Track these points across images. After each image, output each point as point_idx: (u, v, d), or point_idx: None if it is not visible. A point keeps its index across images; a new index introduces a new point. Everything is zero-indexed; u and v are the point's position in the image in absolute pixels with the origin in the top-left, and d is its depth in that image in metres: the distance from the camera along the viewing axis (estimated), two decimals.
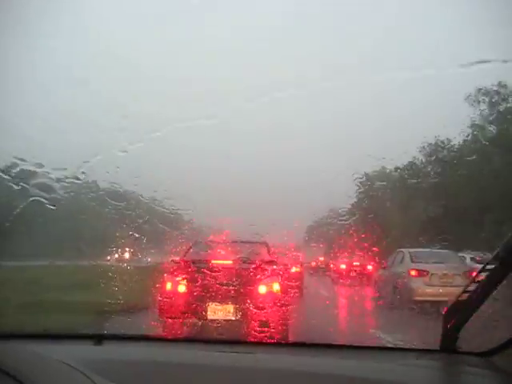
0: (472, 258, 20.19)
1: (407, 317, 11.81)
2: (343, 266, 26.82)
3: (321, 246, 46.20)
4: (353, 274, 25.18)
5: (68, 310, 8.71)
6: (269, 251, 9.33)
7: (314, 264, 35.30)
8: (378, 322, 10.82)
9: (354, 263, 26.45)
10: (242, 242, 10.32)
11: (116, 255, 41.73)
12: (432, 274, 13.63)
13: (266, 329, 6.47)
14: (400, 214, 42.35)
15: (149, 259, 49.53)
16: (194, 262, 8.18)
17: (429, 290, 13.28)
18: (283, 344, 1.93)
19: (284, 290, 8.16)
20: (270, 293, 7.78)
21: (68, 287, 13.50)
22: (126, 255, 41.62)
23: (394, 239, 36.39)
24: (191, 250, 9.26)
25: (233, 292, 7.51)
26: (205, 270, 7.77)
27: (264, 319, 6.96)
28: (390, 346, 1.63)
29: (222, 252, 9.11)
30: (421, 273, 13.77)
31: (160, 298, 7.93)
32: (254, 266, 8.13)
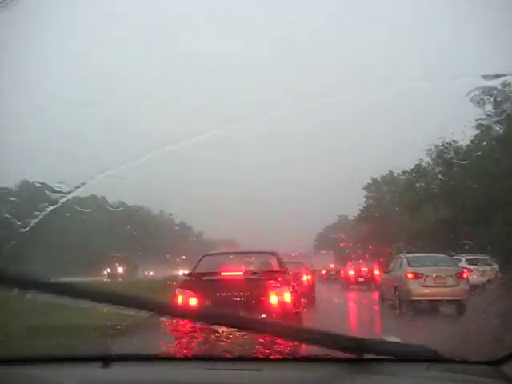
0: (467, 260, 21.31)
1: (411, 319, 12.73)
2: (352, 273, 27.88)
3: (331, 252, 46.14)
4: (361, 279, 26.32)
5: (69, 332, 8.68)
6: (279, 261, 9.27)
7: (324, 271, 35.35)
8: (388, 327, 11.17)
9: (362, 269, 27.67)
10: (251, 252, 10.29)
11: (108, 270, 41.50)
12: (427, 276, 14.87)
13: (277, 343, 6.41)
14: (409, 217, 42.22)
15: (151, 273, 49.35)
16: (204, 275, 8.15)
17: (424, 290, 14.70)
18: (294, 359, 1.89)
19: (295, 300, 8.11)
20: (282, 303, 7.72)
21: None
22: (120, 270, 41.44)
23: (405, 243, 36.28)
24: (201, 263, 9.22)
25: (243, 304, 7.46)
26: (215, 283, 7.73)
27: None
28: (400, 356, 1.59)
29: (232, 264, 9.07)
30: (417, 275, 15.03)
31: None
32: (264, 276, 8.08)
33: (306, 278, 18.43)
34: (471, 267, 20.29)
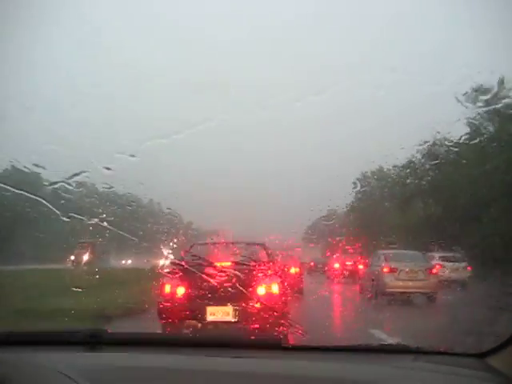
0: (441, 257, 23.52)
1: (393, 312, 13.80)
2: (337, 266, 29.44)
3: (319, 245, 46.34)
4: (346, 272, 27.28)
5: (58, 316, 8.68)
6: (267, 252, 9.28)
7: (312, 264, 35.61)
8: (370, 318, 11.52)
9: (347, 263, 28.82)
10: (240, 243, 10.28)
11: (72, 257, 41.41)
12: (401, 271, 16.98)
13: (265, 331, 6.43)
14: (398, 212, 42.39)
15: (129, 261, 49.05)
16: (192, 264, 8.13)
17: (398, 283, 16.69)
18: (282, 347, 1.89)
19: (283, 291, 8.13)
20: (269, 294, 7.74)
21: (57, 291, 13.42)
22: (85, 257, 41.25)
23: (392, 237, 36.45)
24: (190, 252, 9.21)
25: (231, 294, 7.45)
26: (203, 272, 7.72)
27: (263, 321, 6.91)
28: (386, 346, 1.60)
29: (221, 254, 9.07)
30: (392, 269, 17.08)
31: (159, 301, 7.89)
32: (252, 267, 8.09)
33: (294, 269, 18.51)
34: (444, 263, 22.86)
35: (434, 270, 17.86)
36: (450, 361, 1.53)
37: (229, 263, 8.04)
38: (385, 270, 17.07)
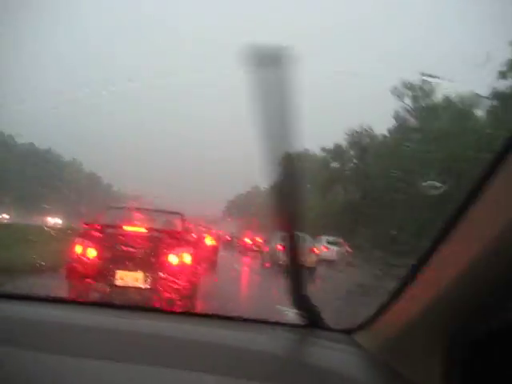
0: (328, 241, 27.60)
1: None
2: (248, 241, 31.92)
3: (237, 221, 46.80)
4: (255, 248, 29.37)
5: None
6: (183, 222, 9.27)
7: (228, 237, 36.10)
8: (269, 291, 12.39)
9: (257, 239, 31.14)
10: (157, 211, 10.23)
11: None
12: None
13: (173, 298, 6.49)
14: (319, 196, 43.21)
15: (45, 219, 47.88)
16: (105, 227, 8.03)
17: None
18: (187, 313, 1.94)
19: (195, 261, 8.18)
20: (181, 263, 7.76)
21: None
22: None
23: (311, 219, 37.20)
24: (104, 215, 9.09)
25: (142, 260, 7.44)
26: (116, 236, 7.65)
27: (172, 289, 6.96)
28: (269, 319, 1.71)
29: (136, 219, 9.01)
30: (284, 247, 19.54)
31: (68, 261, 7.76)
32: (167, 235, 8.08)
33: (210, 242, 18.64)
34: (329, 246, 27.06)
35: (316, 250, 20.67)
36: (319, 334, 1.64)
37: (143, 229, 8.00)
38: (278, 247, 18.41)
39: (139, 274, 7.45)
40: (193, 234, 10.93)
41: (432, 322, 1.11)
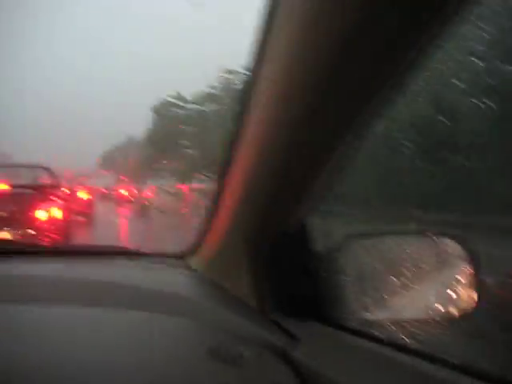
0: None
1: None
2: (124, 192, 32.42)
3: (113, 173, 45.77)
4: (132, 198, 30.22)
5: None
6: (51, 176, 8.96)
7: (105, 190, 35.48)
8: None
9: (133, 190, 32.43)
10: (22, 165, 9.83)
11: None
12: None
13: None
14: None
15: None
16: None
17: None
18: (53, 252, 1.95)
19: (66, 216, 8.01)
20: (51, 218, 7.57)
21: None
22: None
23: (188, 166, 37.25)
24: None
25: (9, 218, 7.18)
26: None
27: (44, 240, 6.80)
28: (106, 248, 1.79)
29: None
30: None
31: None
32: (33, 191, 7.83)
33: (85, 196, 18.23)
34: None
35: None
36: (157, 261, 1.76)
37: (6, 186, 7.68)
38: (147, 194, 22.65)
39: (6, 234, 7.16)
40: (63, 189, 10.66)
41: (237, 234, 1.24)
